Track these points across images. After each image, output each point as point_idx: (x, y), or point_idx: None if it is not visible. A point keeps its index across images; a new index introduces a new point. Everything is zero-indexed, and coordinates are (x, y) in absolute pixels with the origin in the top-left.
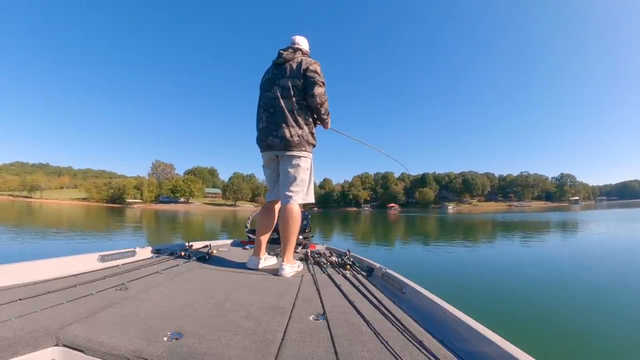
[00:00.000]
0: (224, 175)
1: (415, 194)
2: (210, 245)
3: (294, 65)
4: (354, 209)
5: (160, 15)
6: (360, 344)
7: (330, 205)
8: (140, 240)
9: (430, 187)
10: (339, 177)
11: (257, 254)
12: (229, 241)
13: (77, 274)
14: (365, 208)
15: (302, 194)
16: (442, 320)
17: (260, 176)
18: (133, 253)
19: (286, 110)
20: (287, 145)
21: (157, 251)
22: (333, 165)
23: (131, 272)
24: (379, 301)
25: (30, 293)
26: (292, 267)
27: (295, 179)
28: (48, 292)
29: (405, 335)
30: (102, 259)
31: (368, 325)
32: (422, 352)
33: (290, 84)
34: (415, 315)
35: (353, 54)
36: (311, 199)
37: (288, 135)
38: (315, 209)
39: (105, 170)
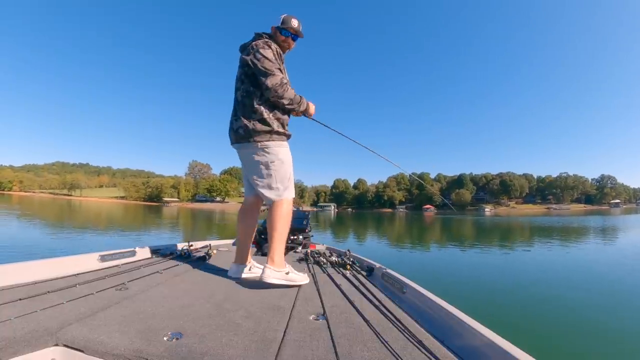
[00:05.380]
0: None
1: (451, 196)
2: (210, 245)
3: (245, 53)
4: (389, 210)
5: (199, 16)
6: (360, 344)
7: (365, 206)
8: (177, 236)
9: (466, 188)
10: (374, 177)
11: (240, 261)
12: (229, 241)
13: (77, 274)
14: (400, 209)
15: (277, 190)
16: (442, 320)
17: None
18: (133, 253)
19: (237, 102)
20: (236, 138)
21: (157, 251)
22: (368, 166)
23: (131, 272)
24: (379, 301)
25: (30, 293)
26: (277, 271)
27: (256, 174)
28: (48, 292)
29: (405, 335)
30: (102, 258)
31: (368, 325)
32: (422, 352)
33: (239, 74)
34: (415, 315)
35: (392, 56)
36: (290, 195)
37: (235, 127)
38: (349, 209)
39: (144, 170)
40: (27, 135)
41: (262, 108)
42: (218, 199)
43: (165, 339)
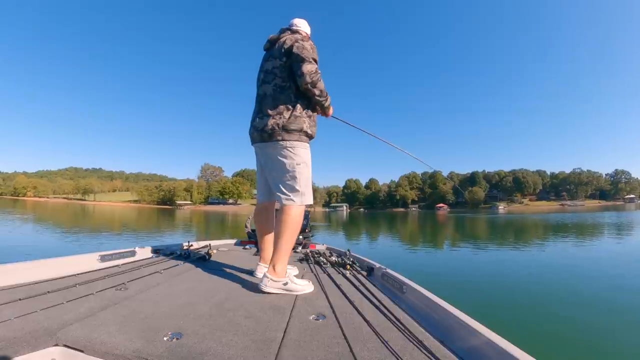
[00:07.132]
0: None
1: (464, 194)
2: (210, 245)
3: (277, 46)
4: (401, 209)
5: (201, 18)
6: (360, 344)
7: (377, 206)
8: (183, 237)
9: (479, 186)
10: (385, 177)
11: (263, 261)
12: (229, 241)
13: (77, 274)
14: (413, 208)
15: (299, 194)
16: (442, 320)
17: None
18: (133, 253)
19: (265, 97)
20: (261, 136)
21: (157, 251)
22: (379, 165)
23: (131, 272)
24: (379, 301)
25: (30, 293)
26: (275, 281)
27: (280, 174)
28: (48, 292)
29: (405, 335)
30: (102, 259)
31: (368, 325)
32: (422, 352)
33: (272, 66)
34: (415, 315)
35: (400, 58)
36: (309, 200)
37: (262, 125)
38: (362, 209)
39: (156, 173)
40: (40, 141)
41: (298, 104)
42: (230, 201)
43: (165, 339)
